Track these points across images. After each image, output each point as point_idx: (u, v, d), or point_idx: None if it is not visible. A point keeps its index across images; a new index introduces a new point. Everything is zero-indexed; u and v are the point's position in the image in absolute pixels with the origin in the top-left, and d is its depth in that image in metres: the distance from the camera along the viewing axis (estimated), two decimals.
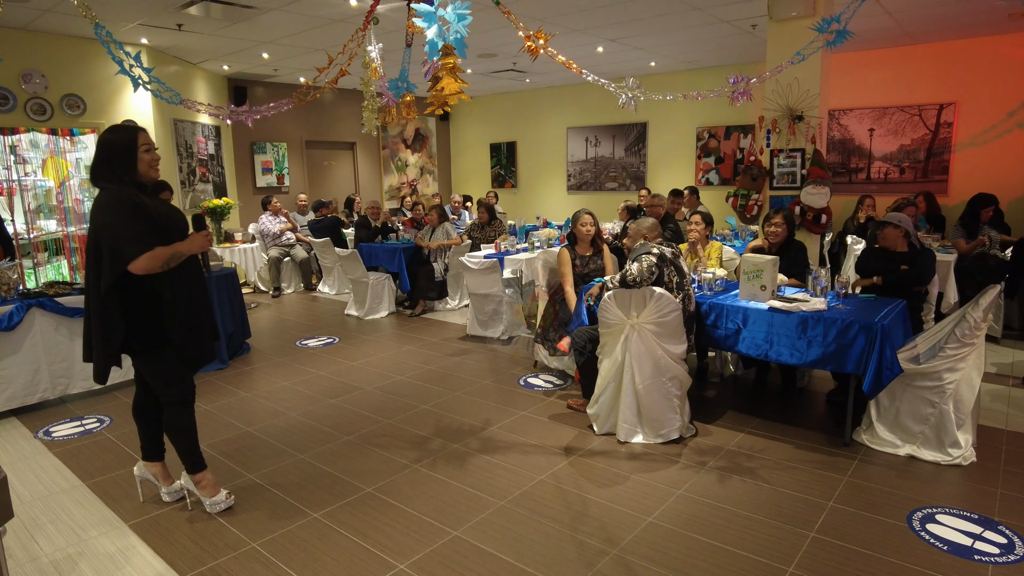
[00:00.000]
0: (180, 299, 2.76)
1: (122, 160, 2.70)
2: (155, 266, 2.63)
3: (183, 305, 2.77)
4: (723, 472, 3.34)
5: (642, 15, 6.33)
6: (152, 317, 2.75)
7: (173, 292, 2.74)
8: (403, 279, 7.31)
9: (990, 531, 2.76)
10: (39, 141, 6.64)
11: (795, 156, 5.58)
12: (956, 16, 6.30)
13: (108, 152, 2.71)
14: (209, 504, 3.02)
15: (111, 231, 2.59)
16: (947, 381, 3.31)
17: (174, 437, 2.96)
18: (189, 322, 2.80)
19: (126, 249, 2.57)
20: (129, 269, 2.58)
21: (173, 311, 2.75)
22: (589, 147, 10.83)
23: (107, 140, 2.73)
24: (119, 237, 2.58)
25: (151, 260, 2.61)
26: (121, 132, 2.75)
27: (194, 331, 2.83)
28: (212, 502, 3.02)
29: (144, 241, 2.61)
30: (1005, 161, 7.25)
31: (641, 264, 3.63)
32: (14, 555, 2.73)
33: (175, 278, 2.74)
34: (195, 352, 2.88)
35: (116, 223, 2.59)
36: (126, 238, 2.58)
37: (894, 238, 4.22)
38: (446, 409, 4.32)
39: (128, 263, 2.57)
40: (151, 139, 2.82)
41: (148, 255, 2.60)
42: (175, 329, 2.77)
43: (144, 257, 2.59)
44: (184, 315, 2.78)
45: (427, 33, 2.57)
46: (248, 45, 7.32)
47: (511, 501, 3.09)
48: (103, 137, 2.75)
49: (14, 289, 4.48)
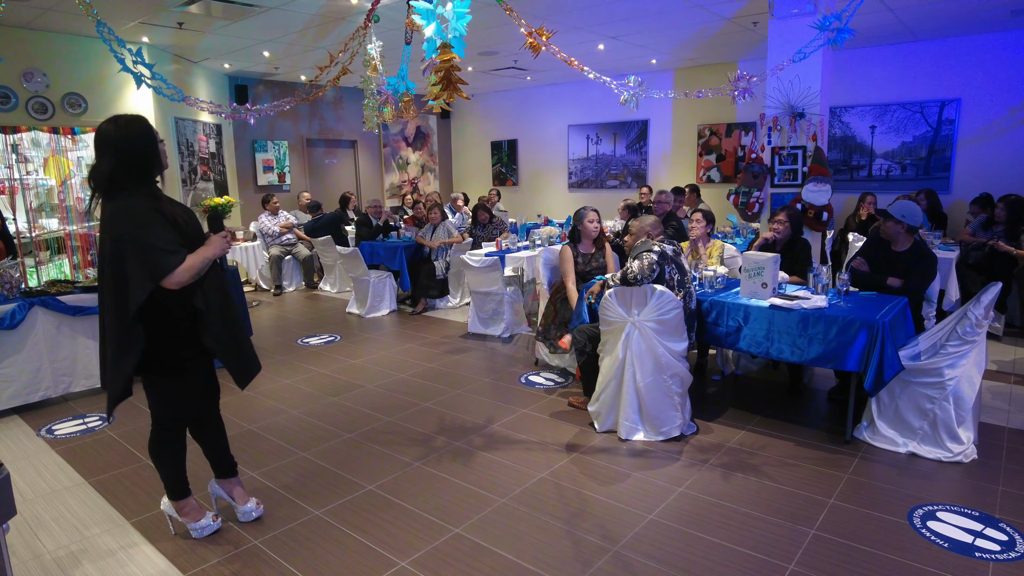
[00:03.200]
0: (214, 308, 2.49)
1: (149, 156, 2.41)
2: (190, 278, 2.34)
3: (218, 314, 2.51)
4: (724, 469, 3.35)
5: (643, 12, 6.32)
6: (185, 331, 2.49)
7: (206, 301, 2.46)
8: (404, 277, 7.32)
9: (991, 528, 2.76)
10: (40, 140, 6.65)
11: (796, 153, 5.57)
12: (958, 12, 6.28)
13: (131, 152, 2.36)
14: (194, 529, 2.79)
15: (139, 243, 2.27)
16: (948, 378, 3.31)
17: (157, 462, 2.72)
18: (229, 331, 2.55)
19: (161, 261, 2.27)
20: (163, 284, 2.28)
21: (209, 322, 2.48)
22: (590, 145, 10.82)
23: (124, 136, 2.36)
24: (150, 249, 2.27)
25: (187, 272, 2.32)
26: (139, 124, 2.41)
27: (235, 340, 2.59)
28: (196, 527, 2.79)
29: (178, 251, 2.31)
30: (1007, 158, 7.23)
31: (642, 262, 3.63)
32: (17, 552, 2.74)
33: (206, 287, 2.47)
34: (243, 362, 2.63)
35: (144, 233, 2.28)
36: (158, 249, 2.27)
37: (893, 232, 4.10)
38: (447, 407, 4.33)
39: (164, 277, 2.27)
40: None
41: (184, 267, 2.30)
42: (214, 342, 2.51)
43: (181, 269, 2.29)
44: (221, 325, 2.52)
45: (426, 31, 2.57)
46: (249, 43, 7.32)
47: (512, 499, 3.09)
48: (116, 134, 2.36)
49: (16, 288, 4.49)
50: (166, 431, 2.68)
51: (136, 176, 2.39)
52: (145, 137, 2.42)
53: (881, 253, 4.19)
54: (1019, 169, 7.16)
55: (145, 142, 2.41)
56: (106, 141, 2.37)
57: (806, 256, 4.50)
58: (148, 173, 2.43)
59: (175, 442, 2.72)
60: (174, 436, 2.71)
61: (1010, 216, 5.73)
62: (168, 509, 2.83)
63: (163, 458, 2.72)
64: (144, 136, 2.41)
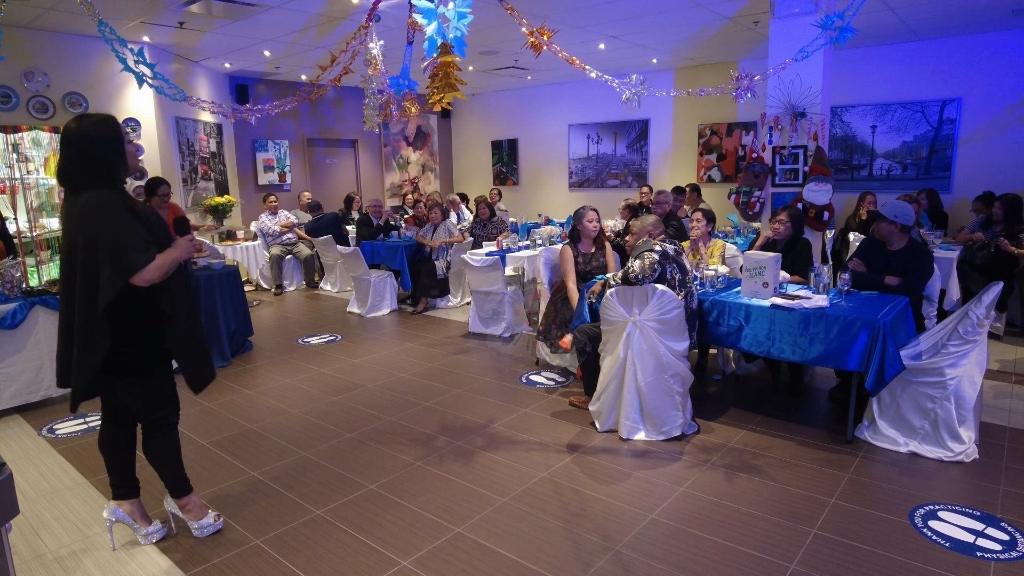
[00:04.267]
0: (180, 311, 2.52)
1: (115, 157, 2.41)
2: (158, 276, 2.36)
3: (183, 317, 2.54)
4: (725, 469, 3.35)
5: (644, 12, 6.31)
6: (148, 333, 2.50)
7: (172, 304, 2.49)
8: (405, 277, 7.32)
9: (992, 528, 2.76)
10: (41, 139, 6.65)
11: (797, 153, 5.57)
12: (959, 11, 6.28)
13: (96, 149, 2.37)
14: (197, 528, 2.81)
15: (110, 239, 2.29)
16: (949, 378, 3.31)
17: (160, 462, 2.72)
18: (191, 336, 2.58)
19: (132, 259, 2.29)
20: (133, 281, 2.30)
21: (174, 325, 2.51)
22: (591, 144, 10.82)
23: (88, 135, 2.37)
24: (121, 246, 2.29)
25: (156, 271, 2.34)
26: (104, 124, 2.41)
27: (197, 345, 2.62)
28: (200, 525, 2.81)
29: (148, 250, 2.34)
30: (1008, 157, 7.22)
31: (643, 261, 3.63)
32: (19, 552, 2.74)
33: (172, 288, 2.49)
34: (201, 368, 2.65)
35: (115, 230, 2.30)
36: (129, 247, 2.29)
37: (888, 233, 4.10)
38: (448, 406, 4.33)
39: (134, 274, 2.29)
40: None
41: (153, 265, 2.33)
42: (177, 345, 2.54)
43: (150, 267, 2.32)
44: (186, 328, 2.55)
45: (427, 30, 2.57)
46: (249, 43, 7.32)
47: (513, 498, 3.09)
48: (79, 132, 2.37)
49: (17, 287, 4.49)
50: (155, 430, 2.68)
51: (102, 175, 2.39)
52: (112, 137, 2.42)
53: (878, 253, 4.21)
54: (1020, 168, 7.15)
55: (108, 142, 2.40)
56: (67, 137, 2.39)
57: (807, 256, 4.50)
58: (114, 174, 2.43)
59: (168, 439, 2.72)
60: (166, 432, 2.71)
61: (1007, 215, 5.74)
62: (171, 507, 2.83)
63: (159, 457, 2.72)
64: (111, 136, 2.42)
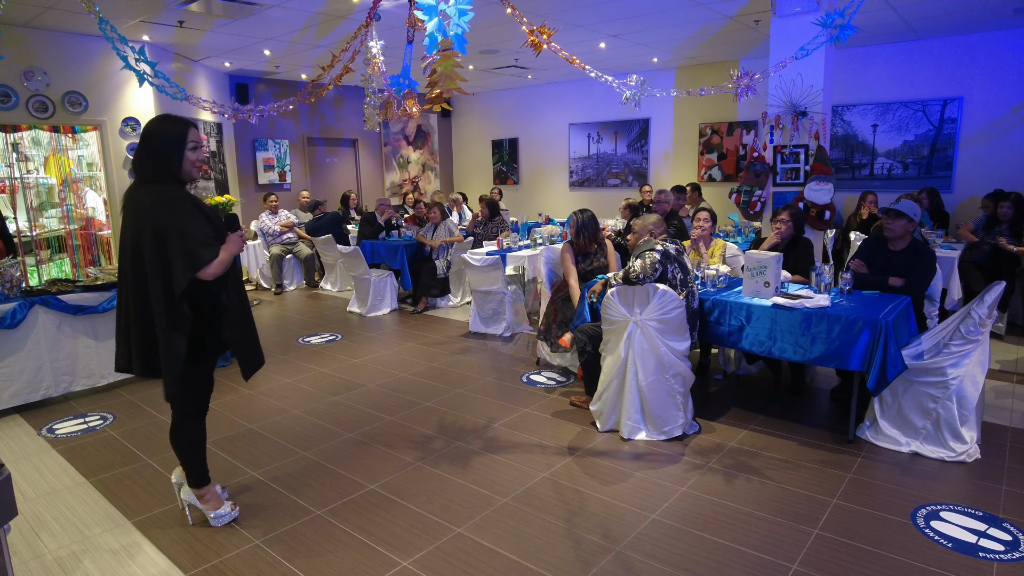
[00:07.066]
0: (234, 303, 2.64)
1: (168, 154, 2.52)
2: (221, 271, 2.49)
3: (239, 309, 2.66)
4: (727, 469, 3.34)
5: (644, 11, 6.30)
6: (208, 322, 2.61)
7: (230, 297, 2.61)
8: (405, 276, 7.31)
9: (995, 528, 2.75)
10: (41, 138, 6.65)
11: (799, 152, 5.55)
12: (960, 10, 6.26)
13: (154, 144, 2.52)
14: (214, 517, 2.90)
15: (179, 233, 2.40)
16: (951, 377, 3.30)
17: (184, 450, 2.82)
18: (247, 326, 2.72)
19: (201, 253, 2.40)
20: (199, 275, 2.42)
21: (233, 316, 2.62)
22: (591, 143, 10.80)
23: (154, 131, 2.54)
24: (191, 239, 2.40)
25: (220, 266, 2.47)
26: (171, 124, 2.57)
27: (252, 335, 2.76)
28: (216, 515, 2.90)
29: (214, 245, 2.46)
30: (1010, 157, 7.21)
31: (644, 261, 3.62)
32: (19, 552, 2.74)
33: (230, 282, 2.62)
34: (255, 356, 2.77)
35: (184, 224, 2.41)
36: (198, 241, 2.41)
37: (903, 231, 4.06)
38: (449, 406, 4.32)
39: (202, 268, 2.41)
40: (200, 137, 2.64)
41: (218, 260, 2.46)
42: (235, 335, 2.66)
43: (216, 262, 2.45)
44: (242, 320, 2.68)
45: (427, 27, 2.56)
46: (250, 42, 7.31)
47: (514, 498, 3.09)
48: (150, 127, 2.56)
49: (17, 287, 4.48)
50: (188, 416, 2.77)
51: (159, 170, 2.52)
52: (173, 136, 2.54)
53: (878, 254, 4.19)
54: (1022, 167, 7.14)
55: (169, 140, 2.53)
56: (144, 131, 2.59)
57: (809, 255, 4.49)
58: (167, 171, 2.53)
59: (197, 428, 2.82)
60: (195, 422, 2.80)
61: (1017, 214, 5.73)
62: (190, 497, 2.90)
63: (186, 445, 2.81)
64: (172, 135, 2.54)
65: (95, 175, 7.08)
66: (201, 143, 2.62)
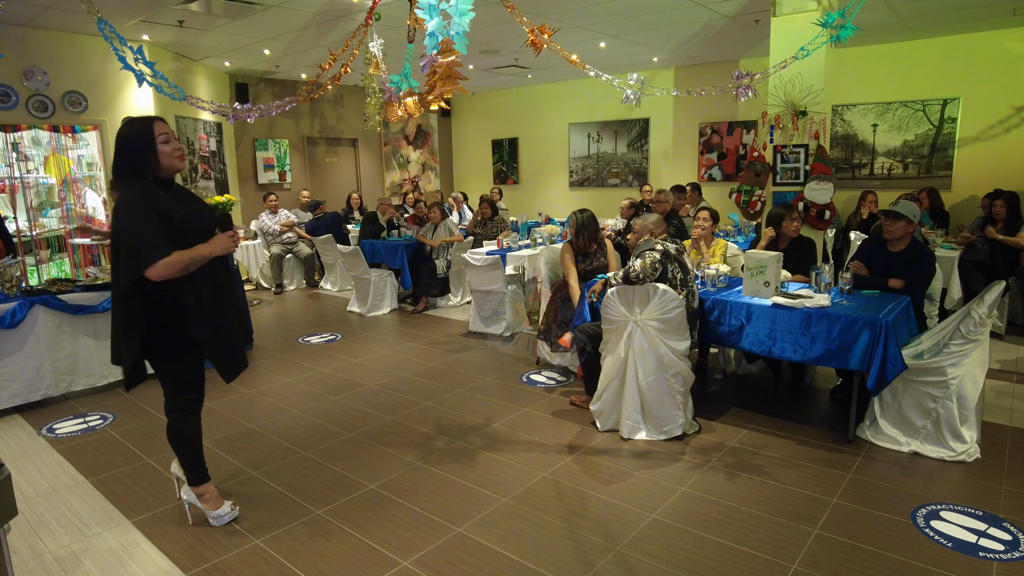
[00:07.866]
0: (204, 303, 2.63)
1: (141, 154, 2.57)
2: (172, 272, 2.49)
3: (208, 309, 2.64)
4: (726, 469, 3.34)
5: (644, 10, 6.30)
6: (175, 321, 2.62)
7: (195, 297, 2.61)
8: (405, 276, 7.31)
9: (995, 528, 2.75)
10: (41, 138, 6.64)
11: (799, 152, 5.55)
12: (959, 10, 6.26)
13: (125, 147, 2.58)
14: (213, 517, 2.89)
15: (129, 234, 2.47)
16: (951, 377, 3.30)
17: (179, 446, 2.83)
18: (216, 326, 2.68)
19: (144, 254, 2.45)
20: (146, 275, 2.46)
21: (197, 316, 2.62)
22: (591, 143, 10.80)
23: (123, 134, 2.60)
24: (137, 240, 2.46)
25: (167, 267, 2.47)
26: (136, 124, 2.62)
27: (223, 335, 2.71)
28: (216, 515, 2.89)
29: (161, 246, 2.47)
30: (1009, 156, 7.21)
31: (644, 260, 3.62)
32: (19, 552, 2.74)
33: (196, 282, 2.60)
34: (228, 358, 2.75)
35: (134, 225, 2.47)
36: (144, 241, 2.46)
37: (903, 232, 4.06)
38: (449, 406, 4.32)
39: (143, 270, 2.45)
40: (169, 128, 2.67)
41: (164, 262, 2.46)
42: (204, 335, 2.64)
43: (160, 264, 2.45)
44: (210, 319, 2.65)
45: (428, 26, 2.56)
46: (250, 41, 7.31)
47: (514, 498, 3.09)
48: (119, 131, 2.63)
49: (17, 286, 4.48)
50: (179, 412, 2.78)
51: (133, 171, 2.58)
52: (141, 136, 2.59)
53: (878, 254, 4.19)
54: (1021, 167, 7.14)
55: (139, 140, 2.58)
56: (116, 136, 2.66)
57: (810, 255, 4.49)
58: (141, 170, 2.59)
59: (190, 424, 2.81)
60: (188, 417, 2.80)
61: (1010, 212, 5.75)
62: (189, 496, 2.90)
63: (191, 439, 2.83)
64: (140, 135, 2.59)
65: (95, 175, 7.08)
66: (171, 134, 2.66)
